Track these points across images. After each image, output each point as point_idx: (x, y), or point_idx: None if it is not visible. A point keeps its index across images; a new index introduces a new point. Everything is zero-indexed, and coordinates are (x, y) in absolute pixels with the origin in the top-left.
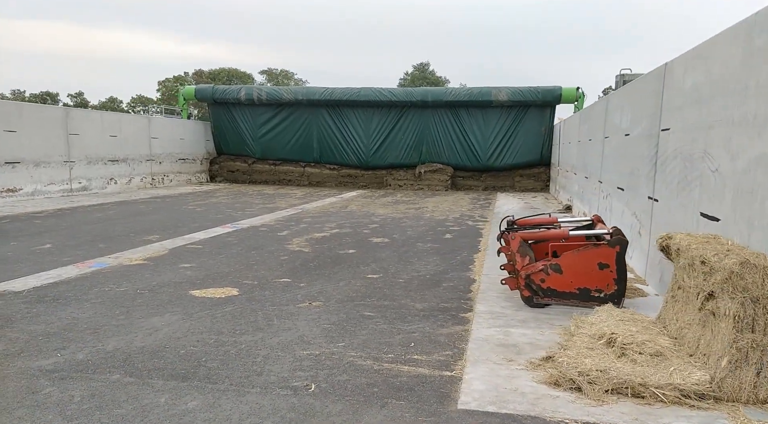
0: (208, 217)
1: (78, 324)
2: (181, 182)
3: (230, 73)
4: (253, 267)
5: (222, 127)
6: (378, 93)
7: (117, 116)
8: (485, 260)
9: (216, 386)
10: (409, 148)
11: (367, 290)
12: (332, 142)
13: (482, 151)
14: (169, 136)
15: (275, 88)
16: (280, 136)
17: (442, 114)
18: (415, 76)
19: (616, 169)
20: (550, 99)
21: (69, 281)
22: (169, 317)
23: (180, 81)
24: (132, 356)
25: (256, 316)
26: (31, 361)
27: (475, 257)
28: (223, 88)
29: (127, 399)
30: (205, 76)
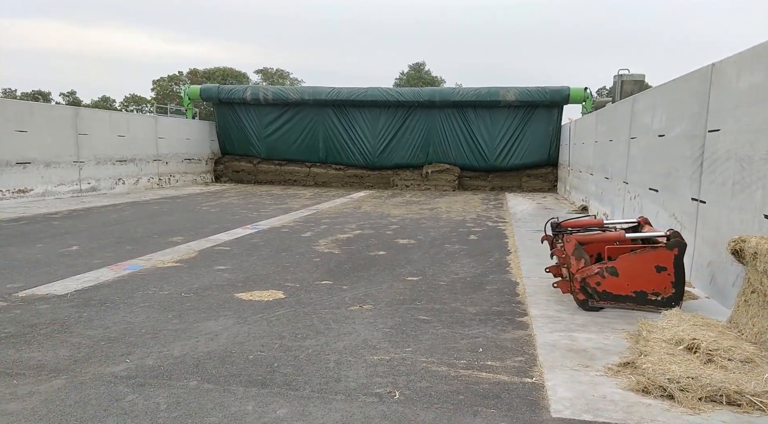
0: (225, 218)
1: (135, 329)
2: (186, 183)
3: (225, 73)
4: (289, 269)
5: (227, 127)
6: (385, 93)
7: (125, 116)
8: (520, 262)
9: (298, 392)
10: (415, 149)
11: (412, 293)
12: (338, 143)
13: (489, 152)
14: (175, 136)
15: (281, 88)
16: (285, 137)
17: (449, 114)
18: (411, 76)
19: (648, 170)
20: (558, 99)
21: (109, 283)
22: (224, 321)
23: (174, 80)
24: (201, 361)
25: (311, 319)
26: (102, 367)
27: (507, 259)
28: (228, 87)
29: (213, 407)
30: (200, 76)
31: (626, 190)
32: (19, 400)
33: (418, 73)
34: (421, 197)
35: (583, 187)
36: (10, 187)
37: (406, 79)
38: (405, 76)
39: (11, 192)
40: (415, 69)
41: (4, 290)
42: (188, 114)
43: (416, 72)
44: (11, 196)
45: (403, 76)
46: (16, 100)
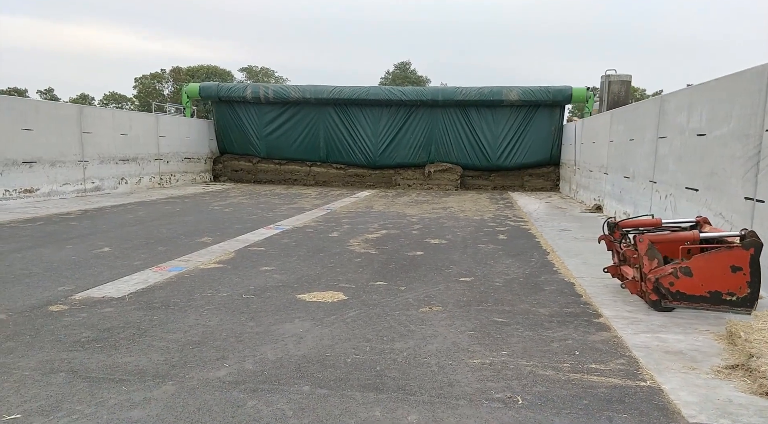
0: (243, 218)
1: (215, 332)
2: (187, 182)
3: (209, 71)
4: (336, 270)
5: (226, 126)
6: (388, 92)
7: (127, 114)
8: (564, 263)
9: (417, 397)
10: (417, 148)
11: (473, 294)
12: (339, 142)
13: (492, 151)
14: (176, 134)
15: (282, 86)
16: (286, 135)
17: (451, 113)
18: (397, 75)
19: (685, 169)
20: (560, 99)
21: (161, 285)
22: (301, 324)
23: (157, 78)
24: (301, 365)
25: (387, 321)
26: (204, 371)
27: (549, 259)
28: (228, 86)
29: (341, 413)
30: (183, 74)
31: (654, 189)
32: (139, 407)
33: (404, 73)
34: (428, 196)
35: (595, 186)
36: (17, 187)
37: (391, 79)
38: (391, 75)
39: (18, 192)
40: (401, 68)
41: (57, 293)
42: (187, 112)
43: (402, 71)
44: (18, 196)
45: (389, 75)
46: (22, 98)
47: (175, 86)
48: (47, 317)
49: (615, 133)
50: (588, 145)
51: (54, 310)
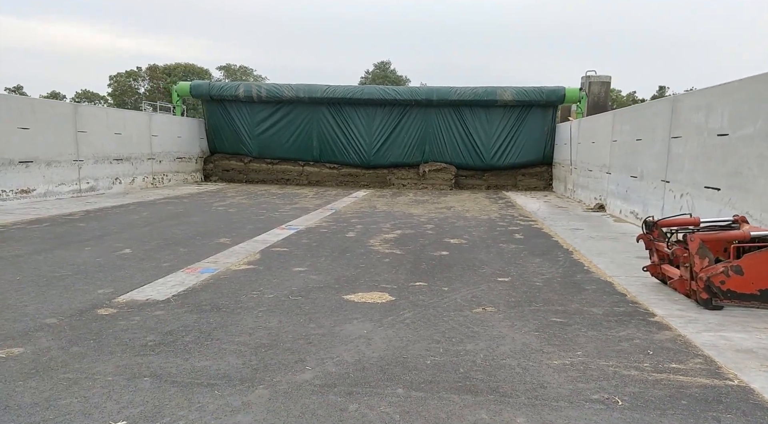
0: (250, 218)
1: (279, 334)
2: (179, 182)
3: (186, 69)
4: (369, 270)
5: (217, 125)
6: (382, 91)
7: (121, 113)
8: (593, 261)
9: (515, 399)
10: (411, 147)
11: (518, 294)
12: (333, 141)
13: (486, 151)
14: (168, 134)
15: (275, 85)
16: (278, 135)
17: (445, 113)
18: (377, 75)
19: (704, 169)
20: (554, 99)
21: (201, 287)
22: (362, 325)
23: (133, 76)
24: (383, 367)
25: (446, 322)
26: (289, 375)
27: (576, 258)
28: (220, 84)
29: (448, 417)
30: (160, 72)
31: (667, 188)
32: (241, 412)
33: (384, 72)
34: (426, 196)
35: (596, 185)
36: (13, 188)
37: (371, 78)
38: (370, 75)
39: (14, 192)
40: (381, 68)
41: (99, 296)
42: (177, 111)
43: (381, 71)
44: (15, 197)
45: (369, 75)
46: (18, 96)
47: (151, 84)
48: (100, 320)
49: (619, 134)
50: (586, 145)
51: (104, 313)
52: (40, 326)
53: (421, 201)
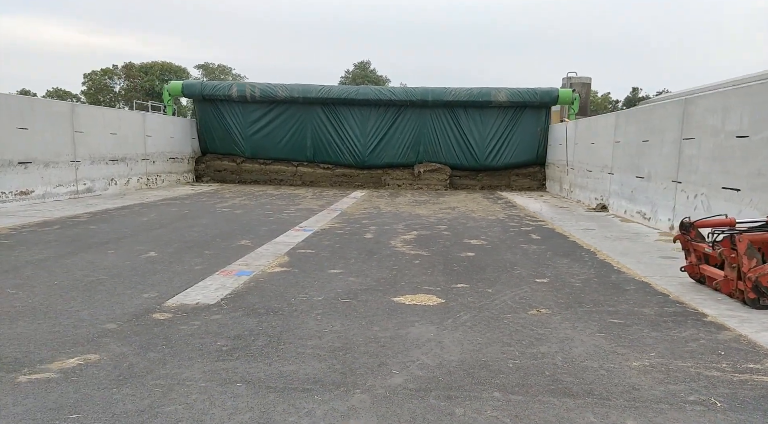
0: (259, 220)
1: (348, 336)
2: (172, 183)
3: (163, 68)
4: (404, 272)
5: (209, 125)
6: (377, 92)
7: (116, 113)
8: (620, 261)
9: (614, 402)
10: (406, 148)
11: (563, 295)
12: (327, 141)
13: (480, 151)
14: (161, 134)
15: (269, 84)
16: (272, 135)
17: (439, 113)
18: (357, 75)
19: (722, 170)
20: (547, 100)
21: (245, 290)
22: (425, 327)
23: (108, 74)
24: (468, 370)
25: (508, 325)
26: (380, 379)
27: (601, 258)
28: (213, 83)
29: (557, 420)
30: (136, 70)
31: (679, 189)
32: (353, 417)
33: (364, 72)
34: (424, 196)
35: (596, 186)
36: (12, 189)
37: (351, 78)
38: (351, 75)
39: (14, 194)
40: (361, 68)
41: (147, 301)
42: (168, 110)
43: (361, 70)
44: (14, 199)
45: (349, 75)
46: (17, 95)
47: (127, 83)
48: (161, 325)
49: (623, 135)
50: (584, 146)
51: (161, 318)
52: (103, 332)
53: (421, 202)
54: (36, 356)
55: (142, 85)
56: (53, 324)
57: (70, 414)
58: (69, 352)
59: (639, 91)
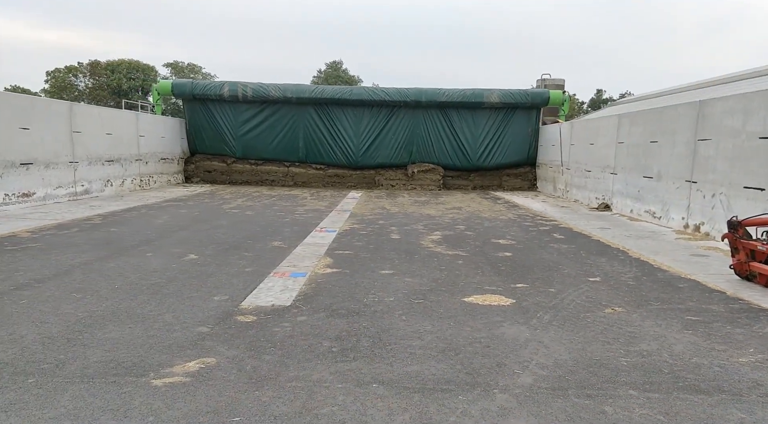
0: (276, 221)
1: (447, 336)
2: (163, 184)
3: (131, 65)
4: (455, 272)
5: (198, 125)
6: (371, 92)
7: (111, 112)
8: (657, 260)
9: (749, 398)
10: (399, 148)
11: (624, 294)
12: (320, 142)
13: (472, 152)
14: (153, 134)
15: (262, 84)
16: (263, 135)
17: (432, 114)
18: (329, 74)
19: (744, 170)
20: (538, 101)
21: (313, 292)
22: (516, 327)
23: (73, 72)
24: (588, 368)
25: (591, 324)
26: (509, 379)
27: (636, 257)
28: (204, 83)
29: (708, 417)
30: (102, 68)
31: (694, 188)
32: (510, 416)
33: (336, 72)
34: (423, 197)
35: (597, 185)
36: (15, 191)
37: (324, 77)
38: (323, 74)
39: (16, 196)
40: (333, 67)
41: (222, 303)
42: (157, 110)
43: (333, 70)
44: (17, 201)
45: (321, 74)
46: (20, 94)
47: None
48: (252, 327)
49: (629, 135)
50: (582, 146)
51: (246, 320)
52: (199, 336)
53: (422, 202)
54: (153, 360)
55: (109, 84)
56: (145, 328)
57: (231, 417)
58: (182, 356)
59: (603, 93)
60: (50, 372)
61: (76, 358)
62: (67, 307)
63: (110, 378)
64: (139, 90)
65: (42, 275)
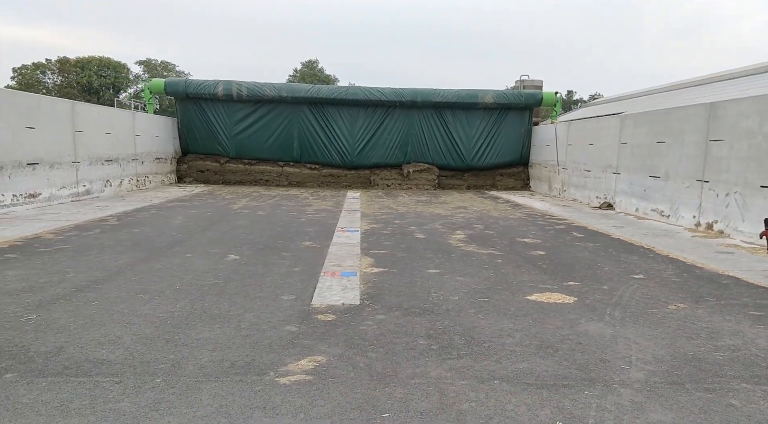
0: (292, 222)
1: (536, 335)
2: (157, 184)
3: (101, 63)
4: (500, 271)
5: (191, 125)
6: (367, 92)
7: (109, 111)
8: (687, 258)
9: None
10: (394, 148)
11: (677, 290)
12: (314, 141)
13: (466, 151)
14: (148, 133)
15: (256, 83)
16: (257, 135)
17: (427, 114)
18: (305, 73)
19: (758, 169)
20: (531, 102)
21: (375, 291)
22: (593, 324)
23: (41, 69)
24: (689, 363)
25: (669, 320)
26: (623, 375)
27: (665, 255)
28: (198, 82)
29: None
30: (71, 65)
31: (707, 187)
32: (648, 410)
33: (312, 70)
34: (423, 197)
35: (598, 185)
36: (22, 191)
37: (300, 76)
38: (299, 73)
39: (24, 197)
40: (308, 66)
41: (293, 303)
42: (149, 109)
43: (309, 69)
44: (24, 202)
45: (297, 73)
46: (26, 93)
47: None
48: (339, 326)
49: (633, 136)
50: (580, 146)
51: (328, 319)
52: (292, 334)
53: (424, 202)
54: (264, 359)
55: (78, 81)
56: (235, 328)
57: (377, 413)
58: (289, 354)
59: (573, 94)
60: (172, 372)
61: (187, 358)
62: (142, 308)
63: (235, 377)
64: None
65: (94, 276)
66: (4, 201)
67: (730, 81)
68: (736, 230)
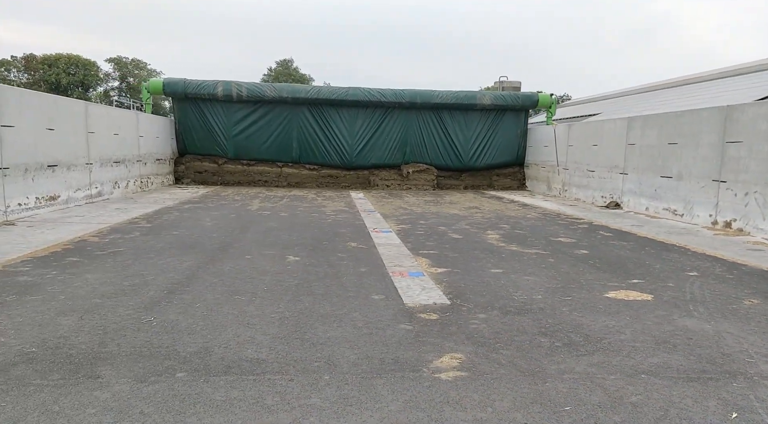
0: (319, 223)
1: (643, 331)
2: (158, 185)
3: (70, 60)
4: (559, 269)
5: (188, 125)
6: (367, 93)
7: (116, 112)
8: (726, 255)
9: None
10: (393, 149)
11: (740, 287)
12: (313, 142)
13: (464, 152)
14: (150, 134)
15: (256, 84)
16: (256, 135)
17: (426, 115)
18: (279, 72)
19: None
20: (528, 104)
21: (453, 291)
22: (687, 320)
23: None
24: None
25: (751, 315)
26: (744, 366)
27: (700, 251)
28: (197, 82)
29: None
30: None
31: (724, 187)
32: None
33: (287, 70)
34: (427, 197)
35: (603, 185)
36: (44, 194)
37: (274, 75)
38: (273, 72)
39: (45, 199)
40: (283, 65)
41: (386, 303)
42: (147, 109)
43: (284, 68)
44: (45, 204)
45: (272, 72)
46: (46, 94)
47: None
48: (449, 325)
49: (641, 138)
50: (583, 147)
51: (432, 318)
52: (410, 332)
53: (432, 202)
54: (407, 356)
55: (46, 79)
56: (353, 327)
57: (559, 407)
58: (425, 351)
59: None
60: (331, 369)
61: (334, 356)
62: (248, 308)
63: (396, 373)
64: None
65: (173, 279)
66: (29, 204)
67: (698, 84)
68: (756, 229)
